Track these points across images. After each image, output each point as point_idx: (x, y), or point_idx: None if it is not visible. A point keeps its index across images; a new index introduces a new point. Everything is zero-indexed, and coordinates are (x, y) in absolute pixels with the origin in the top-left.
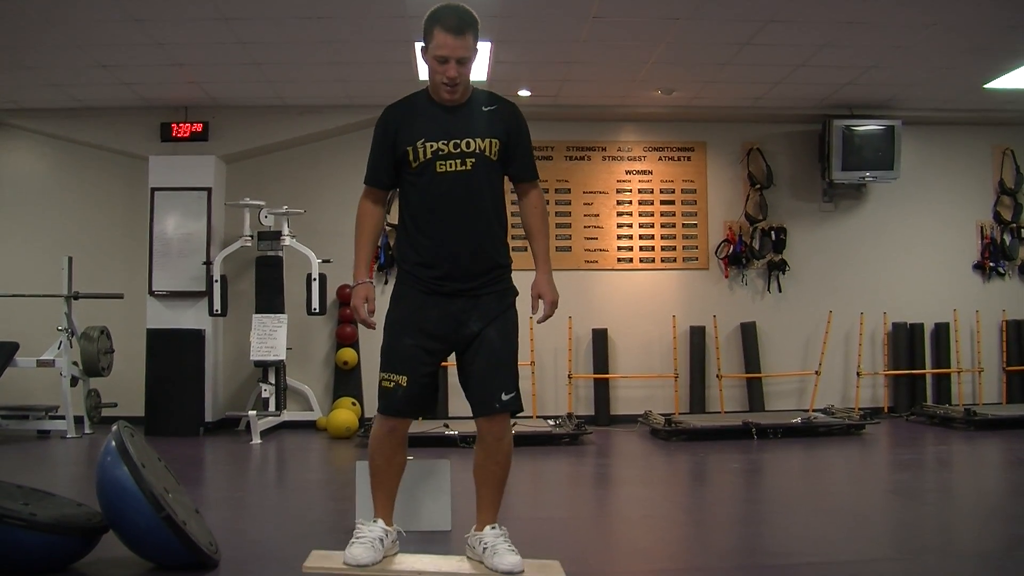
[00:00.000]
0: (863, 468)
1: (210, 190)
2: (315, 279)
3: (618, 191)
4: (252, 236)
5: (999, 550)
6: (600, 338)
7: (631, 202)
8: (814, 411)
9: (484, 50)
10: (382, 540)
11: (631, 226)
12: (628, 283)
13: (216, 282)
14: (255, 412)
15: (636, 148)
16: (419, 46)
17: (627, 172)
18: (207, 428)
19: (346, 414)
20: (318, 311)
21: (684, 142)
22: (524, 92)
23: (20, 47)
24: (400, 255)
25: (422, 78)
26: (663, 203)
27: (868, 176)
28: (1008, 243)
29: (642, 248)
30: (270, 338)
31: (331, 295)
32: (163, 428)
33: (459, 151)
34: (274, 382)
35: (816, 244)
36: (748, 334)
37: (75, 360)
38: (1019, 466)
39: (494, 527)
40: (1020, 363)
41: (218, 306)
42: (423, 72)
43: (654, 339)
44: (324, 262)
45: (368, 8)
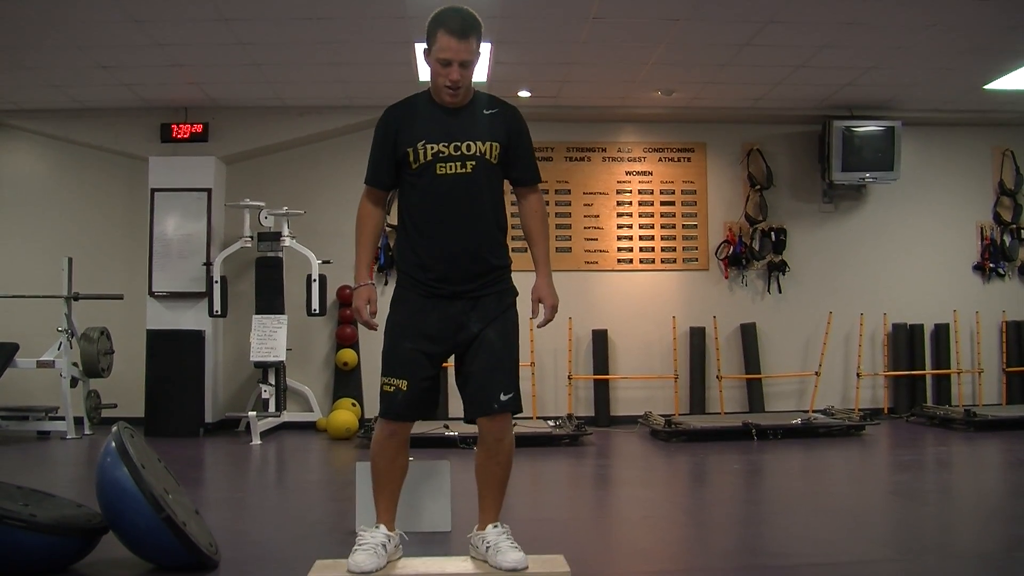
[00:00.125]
0: (863, 469)
1: (210, 191)
2: (315, 280)
3: (618, 192)
4: (252, 237)
5: (999, 551)
6: (600, 339)
7: (631, 203)
8: (814, 412)
9: (484, 51)
10: (384, 546)
11: (631, 227)
12: (628, 284)
13: (216, 283)
14: (255, 413)
15: (636, 149)
16: (420, 47)
17: (627, 173)
18: (207, 429)
19: (346, 415)
20: (318, 312)
21: (684, 143)
22: (524, 93)
23: (20, 48)
24: (400, 257)
25: (422, 79)
26: (663, 204)
27: (868, 177)
28: (1008, 244)
29: (642, 249)
30: (270, 339)
31: (331, 296)
32: (163, 429)
33: (459, 154)
34: (274, 383)
35: (816, 245)
36: (748, 335)
37: (75, 361)
38: (1019, 467)
39: (496, 525)
40: (1020, 364)
41: (218, 307)
42: (423, 73)
43: (654, 340)
44: (324, 263)
45: (368, 9)
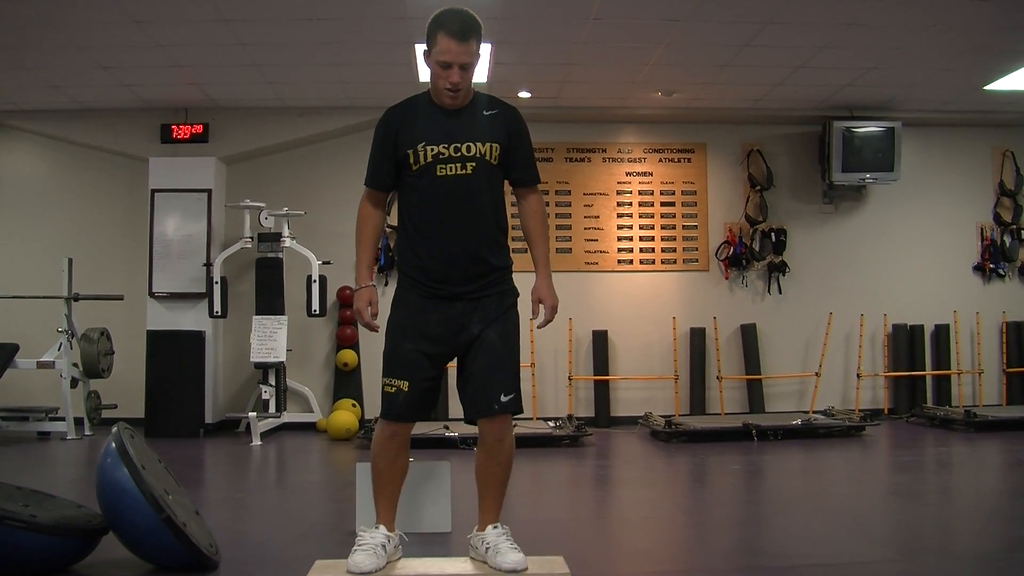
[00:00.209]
0: (863, 470)
1: (210, 192)
2: (315, 281)
3: (618, 193)
4: (252, 238)
5: (999, 551)
6: (600, 340)
7: (631, 204)
8: (814, 413)
9: (485, 52)
10: (384, 546)
11: (631, 228)
12: (628, 285)
13: (216, 284)
14: (255, 414)
15: (636, 149)
16: (420, 48)
17: (627, 174)
18: (207, 430)
19: (346, 416)
20: (318, 313)
21: (684, 143)
22: (524, 94)
23: (20, 48)
24: (400, 258)
25: (422, 79)
26: (663, 205)
27: (868, 177)
28: (1008, 245)
29: (642, 250)
30: (270, 340)
31: (331, 297)
32: (163, 430)
33: (460, 155)
34: (274, 384)
35: (816, 245)
36: (748, 335)
37: (75, 362)
38: (1019, 467)
39: (496, 526)
40: (1020, 365)
41: (218, 308)
42: (423, 74)
43: (654, 341)
44: (324, 264)
45: (368, 10)
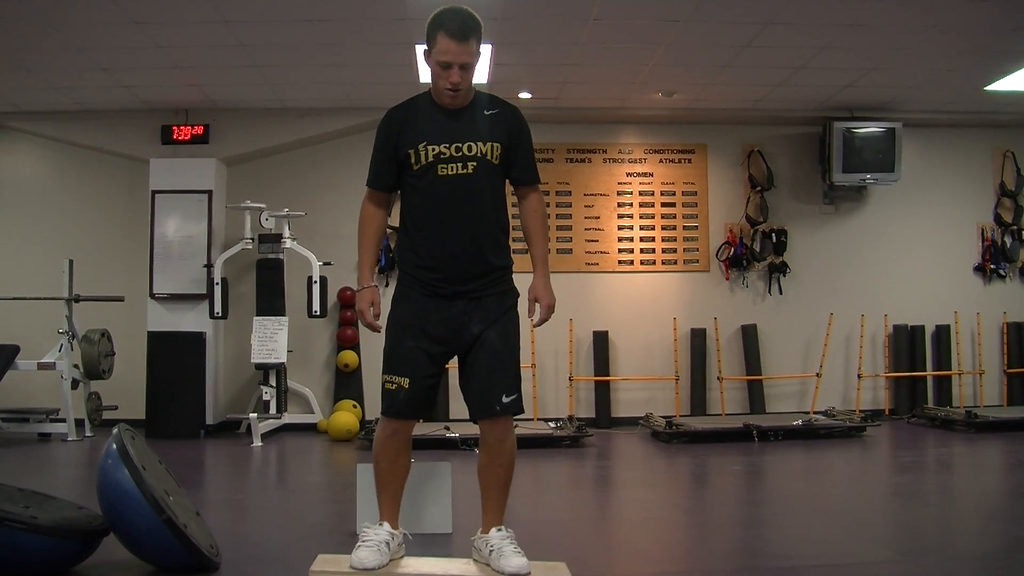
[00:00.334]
0: (864, 470)
1: (211, 193)
2: (316, 282)
3: (619, 193)
4: (253, 239)
5: (1000, 552)
6: (601, 340)
7: (632, 204)
8: (815, 413)
9: (485, 52)
10: (388, 543)
11: (632, 228)
12: (629, 285)
13: (217, 285)
14: (256, 415)
15: (637, 150)
16: (420, 48)
17: (628, 174)
18: (208, 431)
19: (347, 416)
20: (319, 314)
21: (685, 144)
22: (525, 94)
23: (20, 49)
24: (401, 257)
25: (423, 80)
26: (664, 205)
27: (869, 178)
28: (1009, 245)
29: (643, 250)
30: (271, 341)
31: (332, 298)
32: (164, 431)
33: (461, 155)
34: (275, 384)
35: (817, 246)
36: (749, 336)
37: (76, 363)
38: (1020, 468)
39: (500, 529)
40: (1021, 365)
41: (219, 309)
42: (424, 74)
43: (655, 341)
44: (325, 264)
45: (368, 10)
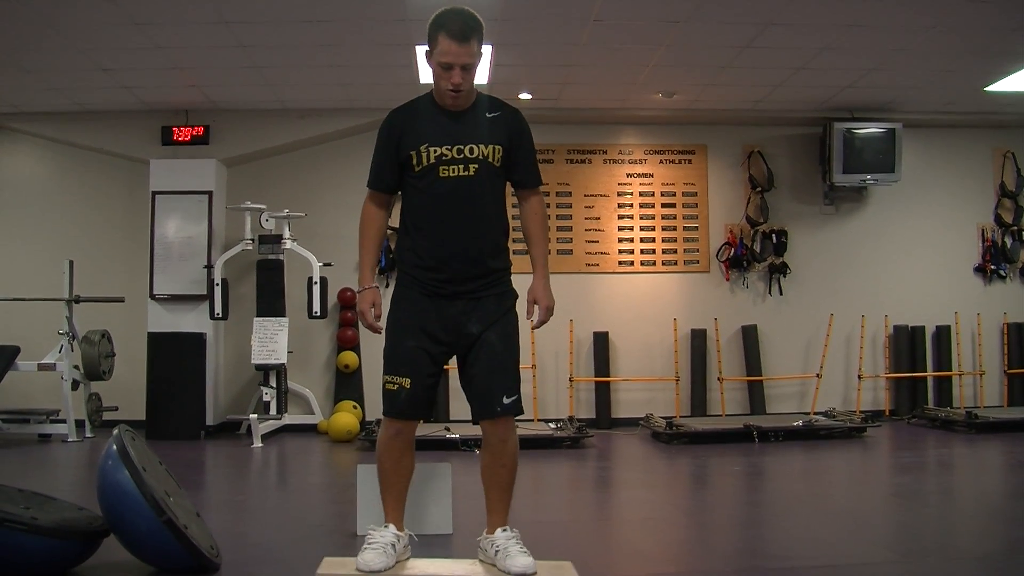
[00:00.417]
0: (864, 471)
1: (211, 193)
2: (316, 282)
3: (619, 194)
4: (253, 239)
5: (1000, 553)
6: (601, 341)
7: (632, 205)
8: (815, 414)
9: (485, 53)
10: (394, 545)
11: (632, 229)
12: (629, 286)
13: (217, 285)
14: (256, 416)
15: (637, 151)
16: (421, 49)
17: (628, 175)
18: (208, 432)
19: (347, 417)
20: (319, 314)
21: (685, 145)
22: (525, 95)
23: (20, 50)
24: (401, 258)
25: (423, 81)
26: (664, 206)
27: (869, 179)
28: (1009, 246)
29: (643, 251)
30: (271, 341)
31: (332, 298)
32: (164, 432)
33: (462, 156)
34: (275, 385)
35: (817, 247)
36: (749, 337)
37: (76, 364)
38: (1020, 469)
39: (505, 529)
40: (1021, 366)
41: (219, 310)
42: (424, 75)
43: (655, 342)
44: (325, 265)
45: (368, 11)
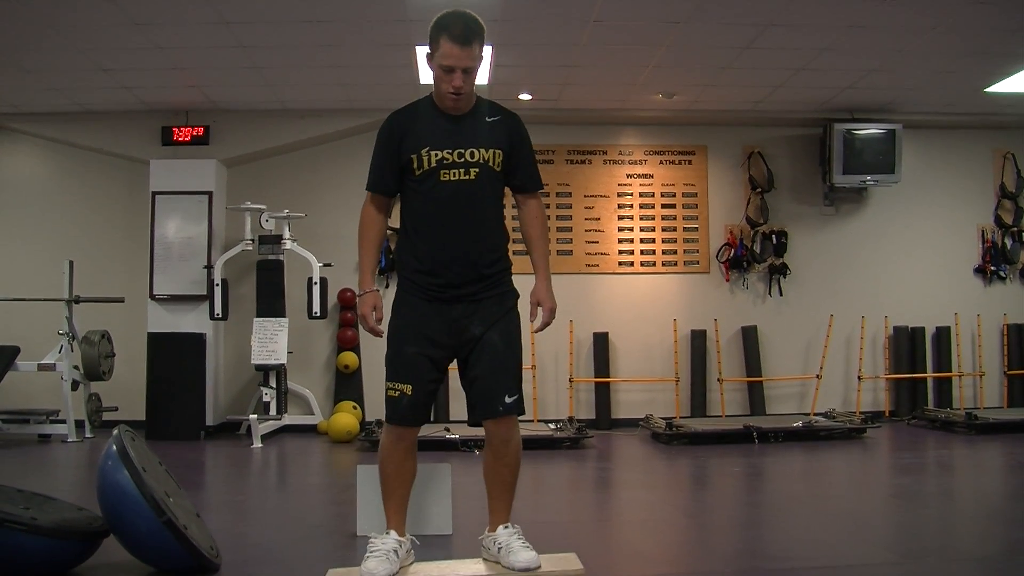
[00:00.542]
0: (864, 472)
1: (211, 194)
2: (316, 283)
3: (619, 195)
4: (253, 240)
5: (1000, 554)
6: (601, 342)
7: (632, 206)
8: (815, 415)
9: (485, 54)
10: (396, 551)
11: (632, 230)
12: (629, 287)
13: (217, 286)
14: (256, 416)
15: (637, 152)
16: (421, 49)
17: (628, 176)
18: (208, 432)
19: (347, 418)
20: (319, 315)
21: (685, 146)
22: (525, 96)
23: (20, 50)
24: (401, 261)
25: (423, 82)
26: (664, 207)
27: (869, 180)
28: (1009, 247)
29: (643, 252)
30: (271, 342)
31: (332, 299)
32: (164, 432)
33: (463, 160)
34: (275, 386)
35: (817, 248)
36: (749, 338)
37: (76, 364)
38: (1020, 470)
39: (507, 526)
40: (1021, 367)
41: (219, 310)
42: (424, 76)
43: (655, 343)
44: (325, 266)
45: (368, 12)
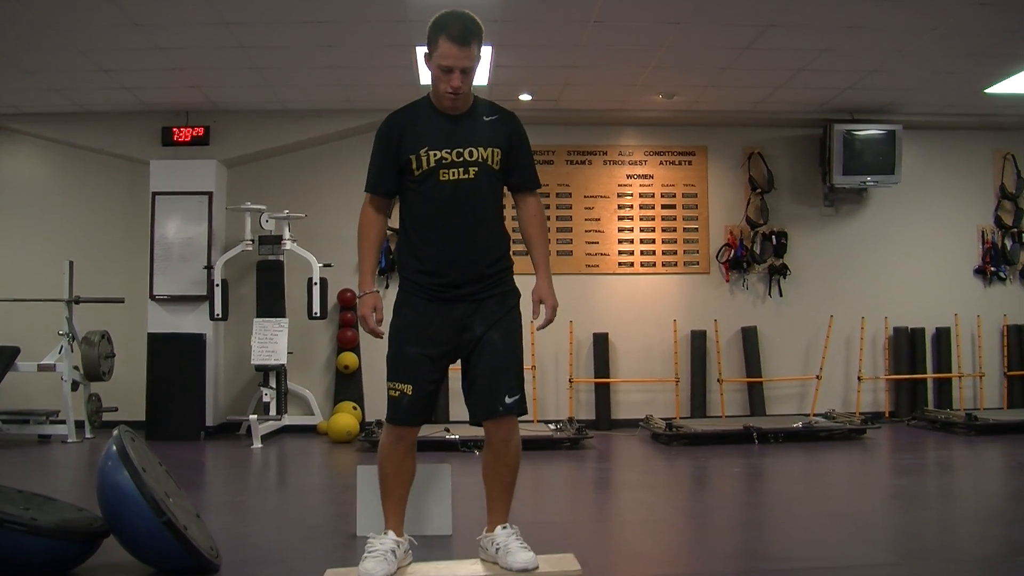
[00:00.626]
0: (864, 472)
1: (211, 194)
2: (316, 283)
3: (619, 195)
4: (253, 240)
5: (1000, 555)
6: (601, 342)
7: (632, 206)
8: (815, 415)
9: (485, 54)
10: (394, 551)
11: (632, 230)
12: (629, 287)
13: (217, 286)
14: (256, 416)
15: (637, 152)
16: (421, 50)
17: (628, 176)
18: (208, 432)
19: (347, 418)
20: (319, 315)
21: (685, 146)
22: (525, 96)
23: (20, 51)
24: (401, 262)
25: (423, 82)
26: (664, 207)
27: (869, 180)
28: (1009, 247)
29: (643, 252)
30: (271, 342)
31: (332, 299)
32: (164, 432)
33: (462, 160)
34: (275, 386)
35: (817, 248)
36: (749, 338)
37: (76, 364)
38: (1020, 471)
39: (505, 526)
40: (1021, 368)
41: (219, 310)
42: (424, 76)
43: (655, 343)
44: (325, 266)
45: (368, 12)
